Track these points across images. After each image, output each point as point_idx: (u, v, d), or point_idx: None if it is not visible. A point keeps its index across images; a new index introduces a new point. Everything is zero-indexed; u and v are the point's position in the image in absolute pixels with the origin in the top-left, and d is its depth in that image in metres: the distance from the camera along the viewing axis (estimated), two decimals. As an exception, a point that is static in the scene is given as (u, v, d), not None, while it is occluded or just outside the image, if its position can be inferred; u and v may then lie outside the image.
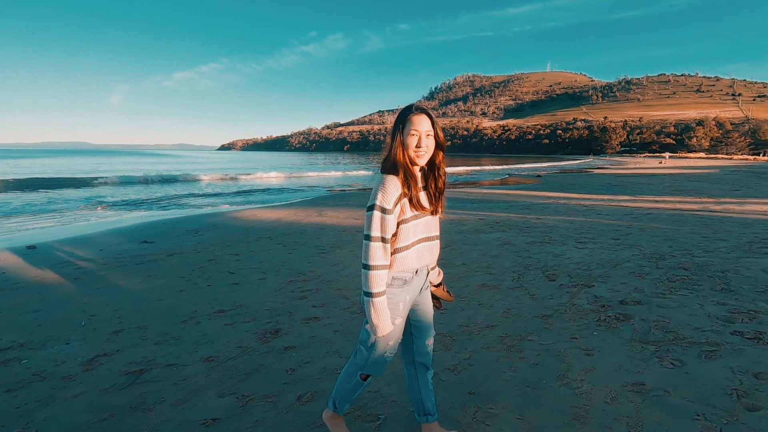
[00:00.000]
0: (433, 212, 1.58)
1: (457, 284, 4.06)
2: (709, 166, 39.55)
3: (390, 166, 1.48)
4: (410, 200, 1.47)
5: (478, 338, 2.84)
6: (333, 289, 4.06)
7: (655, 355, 2.45)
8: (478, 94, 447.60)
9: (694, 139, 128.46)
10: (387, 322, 1.49)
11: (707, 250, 5.02)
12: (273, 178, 26.61)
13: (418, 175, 1.56)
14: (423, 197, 1.56)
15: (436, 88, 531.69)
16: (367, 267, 1.44)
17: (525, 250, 5.32)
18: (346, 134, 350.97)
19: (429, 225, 1.58)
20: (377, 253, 1.43)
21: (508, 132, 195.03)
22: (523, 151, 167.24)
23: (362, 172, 32.66)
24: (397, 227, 1.48)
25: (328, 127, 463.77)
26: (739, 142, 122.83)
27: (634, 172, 27.29)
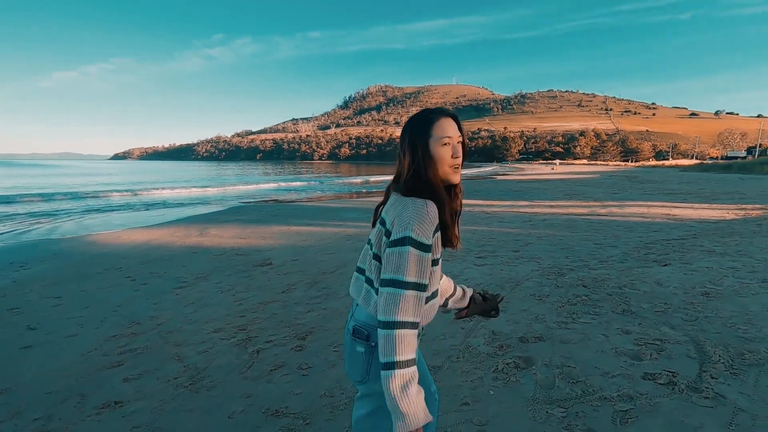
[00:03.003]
0: (457, 245, 1.18)
1: (336, 324, 3.26)
2: (591, 171, 44.46)
3: (420, 187, 1.09)
4: (445, 234, 1.12)
5: (342, 417, 2.05)
6: (168, 345, 3.01)
7: (563, 425, 1.87)
8: (391, 104, 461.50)
9: (579, 148, 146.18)
10: (421, 407, 0.99)
11: (602, 260, 4.87)
12: (163, 192, 23.70)
13: None
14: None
15: (350, 98, 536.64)
16: (393, 325, 1.00)
17: (422, 270, 4.72)
18: (258, 142, 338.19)
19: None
20: (410, 306, 1.01)
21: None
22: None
23: (272, 185, 30.93)
24: None
25: (238, 134, 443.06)
26: (613, 150, 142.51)
27: (531, 178, 29.37)
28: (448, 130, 1.12)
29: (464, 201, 1.29)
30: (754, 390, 2.06)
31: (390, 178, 1.23)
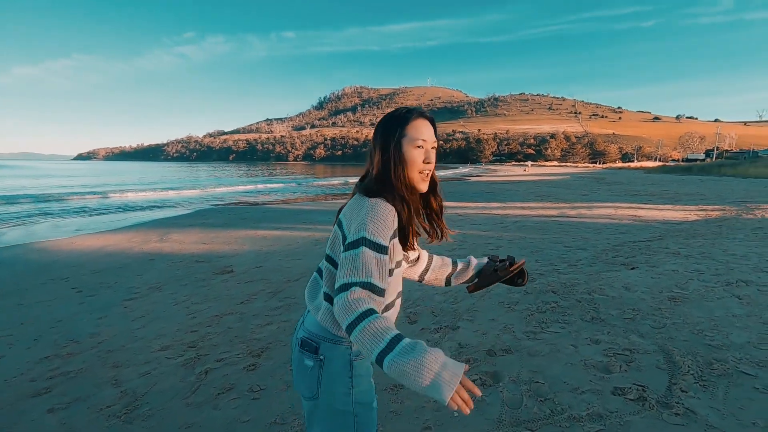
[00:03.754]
0: (439, 237, 1.18)
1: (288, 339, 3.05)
2: (562, 173, 45.58)
3: (383, 189, 1.03)
4: (405, 239, 1.05)
5: (293, 449, 1.85)
6: (106, 368, 2.72)
7: (530, 451, 1.74)
8: (366, 106, 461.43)
9: (549, 150, 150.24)
10: (444, 367, 0.78)
11: (571, 264, 4.84)
12: (126, 195, 22.69)
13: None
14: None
15: (325, 98, 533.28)
16: (358, 320, 0.84)
17: (390, 276, 4.56)
18: (231, 143, 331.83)
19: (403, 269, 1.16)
20: (363, 301, 0.88)
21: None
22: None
23: (243, 187, 30.18)
24: None
25: (210, 135, 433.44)
26: (582, 152, 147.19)
27: (504, 180, 29.78)
28: (424, 132, 1.07)
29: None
30: (723, 404, 1.99)
31: None
